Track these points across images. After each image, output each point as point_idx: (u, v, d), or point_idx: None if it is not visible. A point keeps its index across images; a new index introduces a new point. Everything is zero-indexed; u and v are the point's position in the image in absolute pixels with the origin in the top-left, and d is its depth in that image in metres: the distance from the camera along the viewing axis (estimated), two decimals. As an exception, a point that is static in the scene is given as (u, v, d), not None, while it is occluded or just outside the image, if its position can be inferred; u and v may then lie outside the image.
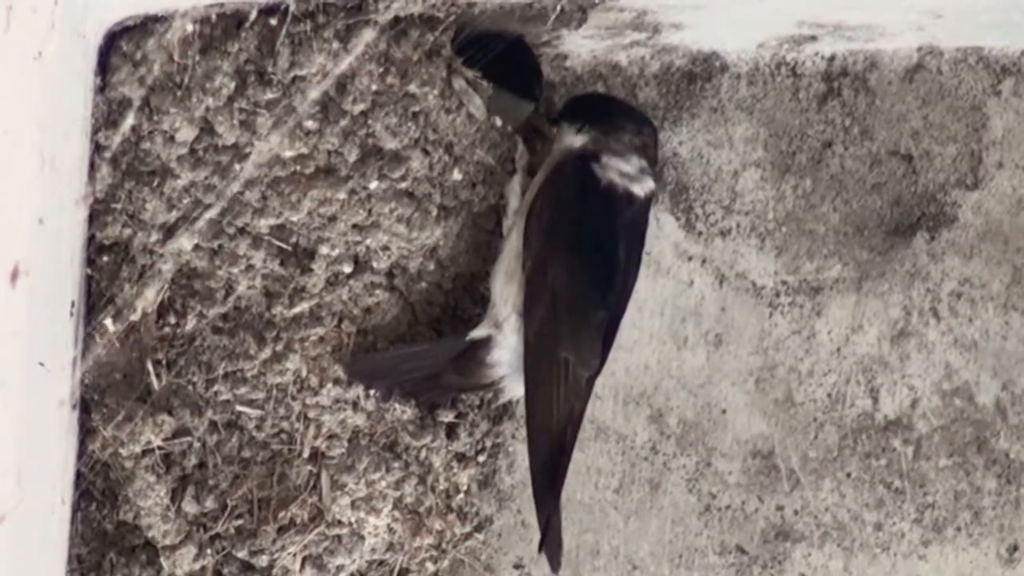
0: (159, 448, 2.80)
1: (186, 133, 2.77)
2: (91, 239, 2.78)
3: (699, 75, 3.05)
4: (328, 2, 2.75)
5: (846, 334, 3.03)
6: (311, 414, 2.84)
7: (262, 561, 2.83)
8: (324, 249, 2.80)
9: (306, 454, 2.84)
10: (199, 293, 2.80)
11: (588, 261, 2.84)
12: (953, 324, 3.03)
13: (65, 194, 2.68)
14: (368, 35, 2.72)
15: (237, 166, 2.77)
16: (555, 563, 2.83)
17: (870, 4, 2.86)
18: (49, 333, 2.67)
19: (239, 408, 2.82)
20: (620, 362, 3.01)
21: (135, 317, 2.78)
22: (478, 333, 2.85)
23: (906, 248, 3.03)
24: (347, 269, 2.82)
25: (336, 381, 2.83)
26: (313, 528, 2.84)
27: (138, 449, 2.80)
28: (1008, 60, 3.04)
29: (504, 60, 2.88)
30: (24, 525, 2.60)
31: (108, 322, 2.78)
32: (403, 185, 2.81)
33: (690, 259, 3.04)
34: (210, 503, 2.82)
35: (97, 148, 2.76)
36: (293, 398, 2.83)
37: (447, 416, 2.90)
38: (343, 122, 2.78)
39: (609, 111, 2.94)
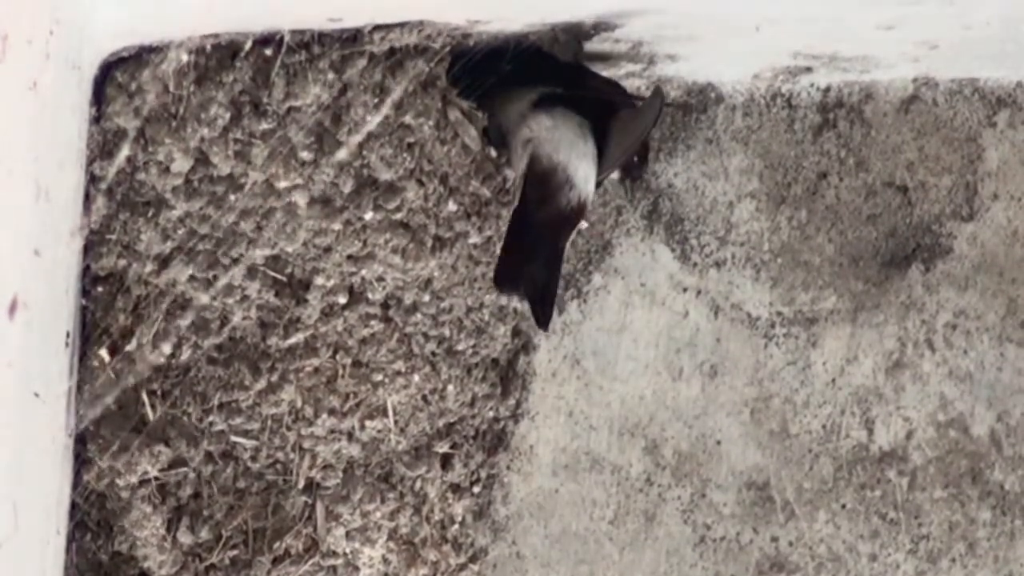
0: (155, 479, 2.80)
1: (181, 164, 2.76)
2: (86, 270, 2.78)
3: (694, 106, 3.05)
4: (323, 33, 2.75)
5: (841, 365, 3.03)
6: (306, 445, 2.83)
7: (257, 592, 2.84)
8: (319, 280, 2.80)
9: (301, 485, 2.84)
10: (194, 324, 2.80)
11: None
12: (948, 356, 3.03)
13: (60, 225, 2.68)
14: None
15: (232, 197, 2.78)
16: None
17: (865, 35, 2.86)
18: (44, 364, 2.66)
19: (234, 439, 2.82)
20: (615, 393, 3.01)
21: (130, 348, 2.78)
22: None
23: (901, 279, 3.03)
24: (342, 300, 2.82)
25: (331, 412, 2.83)
26: (308, 559, 2.84)
27: (134, 479, 2.80)
28: (1003, 91, 3.04)
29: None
30: (19, 556, 2.59)
31: (103, 353, 2.78)
32: (398, 216, 2.81)
33: (685, 290, 3.04)
34: (205, 534, 2.82)
35: (92, 179, 2.75)
36: (288, 429, 2.83)
37: (442, 447, 2.90)
38: (338, 153, 2.79)
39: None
